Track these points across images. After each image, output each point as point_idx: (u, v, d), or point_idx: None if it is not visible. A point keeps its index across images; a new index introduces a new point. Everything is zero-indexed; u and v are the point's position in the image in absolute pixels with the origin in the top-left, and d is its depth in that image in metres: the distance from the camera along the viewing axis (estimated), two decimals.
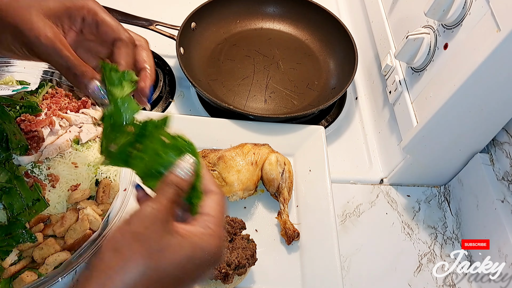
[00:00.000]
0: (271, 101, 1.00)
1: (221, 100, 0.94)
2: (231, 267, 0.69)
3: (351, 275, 0.80)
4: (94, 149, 0.79)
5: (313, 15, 1.11)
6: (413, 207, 0.91)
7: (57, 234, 0.69)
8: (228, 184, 0.79)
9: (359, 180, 0.93)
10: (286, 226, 0.79)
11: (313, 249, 0.78)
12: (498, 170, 0.83)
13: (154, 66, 0.58)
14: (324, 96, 1.01)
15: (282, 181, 0.82)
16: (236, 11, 1.12)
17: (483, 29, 0.66)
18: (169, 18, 1.05)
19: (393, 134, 0.92)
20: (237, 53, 1.08)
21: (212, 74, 1.04)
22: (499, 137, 0.84)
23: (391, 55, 0.91)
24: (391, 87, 0.89)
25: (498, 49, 0.63)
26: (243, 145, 0.85)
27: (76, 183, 0.74)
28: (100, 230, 0.70)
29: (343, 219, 0.87)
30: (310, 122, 0.98)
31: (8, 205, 0.66)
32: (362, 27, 1.13)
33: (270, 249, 0.79)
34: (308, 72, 1.07)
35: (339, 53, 1.07)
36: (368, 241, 0.85)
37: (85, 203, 0.73)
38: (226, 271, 0.68)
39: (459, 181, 0.91)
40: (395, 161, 0.90)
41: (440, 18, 0.73)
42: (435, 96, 0.75)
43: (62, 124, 0.79)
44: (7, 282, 0.66)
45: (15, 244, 0.66)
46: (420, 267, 0.83)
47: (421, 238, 0.87)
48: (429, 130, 0.78)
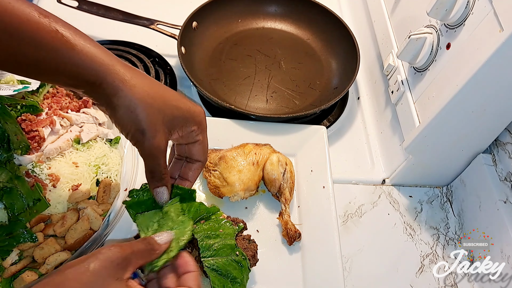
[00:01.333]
0: (272, 101, 1.00)
1: (222, 99, 0.94)
2: None
3: (352, 276, 0.80)
4: (94, 148, 0.79)
5: (315, 14, 1.11)
6: (415, 207, 0.91)
7: (58, 234, 0.69)
8: (229, 184, 0.79)
9: (361, 181, 0.93)
10: (288, 226, 0.79)
11: (314, 250, 0.78)
12: (501, 171, 0.83)
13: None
14: (326, 96, 1.01)
15: (283, 182, 0.82)
16: (238, 11, 1.12)
17: (486, 29, 0.65)
18: (170, 17, 1.04)
19: (395, 134, 0.91)
20: (239, 52, 1.08)
21: (214, 73, 1.03)
22: (502, 138, 0.84)
23: (393, 55, 0.90)
24: (393, 87, 0.89)
25: (501, 49, 0.62)
26: (244, 145, 0.85)
27: (77, 183, 0.74)
28: (101, 230, 0.70)
29: (344, 220, 0.87)
30: (312, 122, 0.97)
31: (9, 205, 0.66)
32: (364, 27, 1.12)
33: (272, 249, 0.79)
34: (310, 71, 1.06)
35: (341, 53, 1.06)
36: (370, 241, 0.85)
37: (85, 203, 0.73)
38: None
39: (461, 182, 0.90)
40: (397, 162, 0.90)
41: (443, 18, 0.73)
42: (438, 96, 0.75)
43: (63, 124, 0.79)
44: (8, 282, 0.66)
45: (16, 244, 0.66)
46: (422, 268, 0.83)
47: (423, 239, 0.86)
48: (432, 130, 0.77)
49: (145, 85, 0.54)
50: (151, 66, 1.03)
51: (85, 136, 0.79)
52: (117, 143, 0.82)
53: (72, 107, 0.83)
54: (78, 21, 1.08)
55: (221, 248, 0.66)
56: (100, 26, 1.08)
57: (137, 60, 1.03)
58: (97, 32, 1.09)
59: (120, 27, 1.05)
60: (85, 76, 0.51)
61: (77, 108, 0.84)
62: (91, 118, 0.82)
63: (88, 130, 0.80)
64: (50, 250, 0.67)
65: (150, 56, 1.05)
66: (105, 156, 0.78)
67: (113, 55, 0.54)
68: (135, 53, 1.05)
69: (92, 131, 0.80)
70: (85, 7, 1.01)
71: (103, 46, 0.54)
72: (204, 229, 0.68)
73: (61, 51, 0.50)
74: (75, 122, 0.80)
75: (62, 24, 0.51)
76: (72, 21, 1.12)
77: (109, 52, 0.54)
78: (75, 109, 0.83)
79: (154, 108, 0.54)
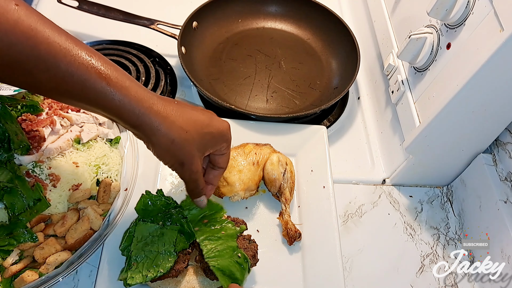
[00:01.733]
0: (273, 101, 1.00)
1: (222, 99, 0.94)
2: None
3: (353, 276, 0.80)
4: (95, 148, 0.79)
5: (315, 14, 1.11)
6: (415, 207, 0.91)
7: (58, 234, 0.69)
8: (230, 184, 0.79)
9: (361, 181, 0.93)
10: (288, 226, 0.79)
11: (315, 250, 0.78)
12: (501, 171, 0.83)
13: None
14: (326, 96, 1.01)
15: (283, 181, 0.82)
16: (238, 10, 1.12)
17: (486, 29, 0.65)
18: (171, 17, 1.04)
19: (396, 134, 0.91)
20: (239, 52, 1.08)
21: (214, 73, 1.03)
22: (502, 138, 0.84)
23: (394, 55, 0.90)
24: (394, 87, 0.89)
25: (501, 49, 0.62)
26: (244, 145, 0.85)
27: (77, 182, 0.74)
28: (101, 230, 0.70)
29: (345, 220, 0.87)
30: (312, 122, 0.97)
31: (10, 205, 0.66)
32: (364, 27, 1.12)
33: (272, 249, 0.79)
34: (310, 71, 1.06)
35: (341, 53, 1.06)
36: (370, 241, 0.85)
37: (86, 203, 0.73)
38: None
39: (462, 182, 0.90)
40: (398, 162, 0.90)
41: (443, 18, 0.73)
42: (438, 96, 0.75)
43: (63, 124, 0.79)
44: (8, 282, 0.66)
45: (16, 244, 0.66)
46: (423, 268, 0.83)
47: (423, 239, 0.86)
48: (432, 130, 0.77)
49: (180, 119, 0.59)
50: (152, 66, 1.03)
51: (85, 136, 0.79)
52: (117, 143, 0.82)
53: (72, 107, 0.83)
54: (78, 21, 1.10)
55: (224, 249, 0.68)
56: (101, 26, 1.08)
57: (137, 60, 1.03)
58: (98, 32, 1.09)
59: (120, 27, 1.05)
60: (124, 117, 0.55)
61: (77, 108, 0.84)
62: (91, 118, 0.82)
63: (89, 130, 0.80)
64: (51, 250, 0.67)
65: (150, 56, 1.06)
66: (105, 156, 0.78)
67: (148, 90, 0.58)
68: (136, 53, 1.05)
69: (93, 131, 0.80)
70: (85, 7, 1.01)
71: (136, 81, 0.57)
72: (206, 231, 0.70)
73: (103, 93, 0.53)
74: (76, 122, 0.80)
75: (102, 61, 0.53)
76: (72, 21, 1.12)
77: (143, 87, 0.57)
78: (75, 109, 0.83)
79: (189, 141, 0.60)
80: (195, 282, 0.71)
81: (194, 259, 0.72)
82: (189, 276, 0.71)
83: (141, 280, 0.65)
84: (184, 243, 0.69)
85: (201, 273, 0.71)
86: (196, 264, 0.72)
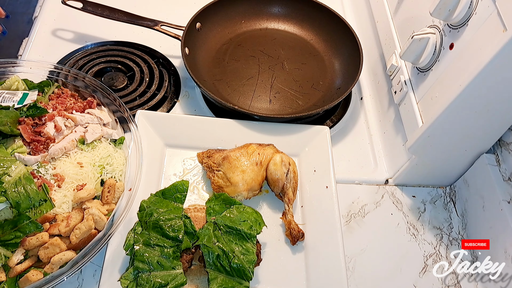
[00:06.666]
0: (276, 101, 1.00)
1: (226, 100, 0.94)
2: None
3: (356, 276, 0.80)
4: (99, 149, 0.79)
5: (318, 15, 1.11)
6: (418, 207, 0.91)
7: (63, 233, 0.69)
8: (233, 184, 0.79)
9: (364, 181, 0.93)
10: (291, 226, 0.79)
11: (317, 250, 0.78)
12: (505, 171, 0.82)
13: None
14: (329, 96, 1.01)
15: (286, 182, 0.82)
16: (241, 12, 1.13)
17: (489, 29, 0.65)
18: (174, 18, 1.05)
19: (399, 135, 0.91)
20: (242, 53, 1.08)
21: (217, 74, 1.04)
22: (505, 138, 0.84)
23: (397, 55, 0.90)
24: (397, 87, 0.89)
25: (504, 49, 0.62)
26: (248, 145, 0.85)
27: (82, 183, 0.74)
28: (105, 229, 0.70)
29: (348, 220, 0.87)
30: (315, 122, 0.98)
31: (15, 204, 0.66)
32: (367, 27, 1.12)
33: (275, 249, 0.79)
34: (313, 72, 1.07)
35: (344, 53, 1.07)
36: (373, 241, 0.85)
37: (90, 203, 0.73)
38: None
39: (465, 182, 0.90)
40: (400, 162, 0.90)
41: (446, 18, 0.73)
42: (441, 96, 0.75)
43: (68, 124, 0.80)
44: (13, 281, 0.66)
45: (22, 236, 0.67)
46: (425, 268, 0.83)
47: (426, 239, 0.86)
48: (435, 130, 0.77)
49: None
50: (155, 67, 1.03)
51: (89, 136, 0.79)
52: (121, 143, 0.82)
53: (77, 107, 0.84)
54: (82, 22, 1.10)
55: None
56: (105, 27, 1.09)
57: (141, 61, 1.04)
58: (102, 33, 1.10)
59: (124, 28, 1.06)
60: None
61: (81, 108, 0.84)
62: (95, 118, 0.83)
63: (93, 130, 0.80)
64: (55, 249, 0.67)
65: (154, 57, 1.06)
66: (109, 156, 0.79)
67: None
68: (140, 54, 1.05)
69: (97, 131, 0.81)
70: (89, 9, 1.02)
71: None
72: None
73: None
74: (80, 122, 0.81)
75: None
76: (76, 23, 1.13)
77: None
78: (80, 110, 0.84)
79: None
80: (198, 282, 0.71)
81: (198, 259, 0.73)
82: (192, 276, 0.71)
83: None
84: (187, 243, 0.70)
85: (204, 273, 0.71)
86: (200, 264, 0.72)
